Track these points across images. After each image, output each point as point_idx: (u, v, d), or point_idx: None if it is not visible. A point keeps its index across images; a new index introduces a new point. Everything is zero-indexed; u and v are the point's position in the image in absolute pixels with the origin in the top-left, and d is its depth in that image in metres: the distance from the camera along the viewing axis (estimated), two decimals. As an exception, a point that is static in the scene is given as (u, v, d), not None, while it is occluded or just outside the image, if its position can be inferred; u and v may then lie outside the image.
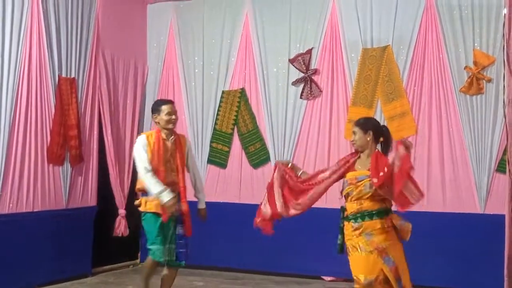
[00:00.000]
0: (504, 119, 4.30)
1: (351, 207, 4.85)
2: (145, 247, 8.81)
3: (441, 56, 7.39)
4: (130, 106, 8.73)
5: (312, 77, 8.00)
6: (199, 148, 8.62)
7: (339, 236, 4.96)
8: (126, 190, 8.57)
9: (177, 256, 5.95)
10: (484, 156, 7.12)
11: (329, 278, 7.69)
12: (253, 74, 8.38)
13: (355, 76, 7.78)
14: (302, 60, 8.08)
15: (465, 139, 7.21)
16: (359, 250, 4.79)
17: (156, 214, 5.77)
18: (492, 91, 7.11)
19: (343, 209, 4.94)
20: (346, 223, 4.89)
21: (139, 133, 8.88)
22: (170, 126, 5.84)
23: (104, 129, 8.23)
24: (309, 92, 8.00)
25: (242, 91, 8.44)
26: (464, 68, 7.26)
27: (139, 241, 8.93)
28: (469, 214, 7.16)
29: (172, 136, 5.89)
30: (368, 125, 4.99)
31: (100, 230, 8.16)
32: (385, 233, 4.79)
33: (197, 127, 8.68)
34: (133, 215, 8.68)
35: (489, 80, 7.13)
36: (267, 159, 8.21)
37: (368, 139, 4.89)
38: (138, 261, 8.93)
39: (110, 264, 8.53)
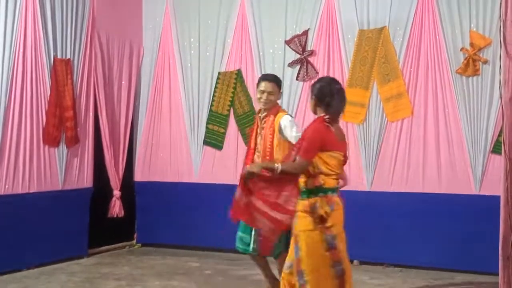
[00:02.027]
0: (500, 100, 4.30)
1: None
2: (141, 228, 8.93)
3: (437, 37, 7.37)
4: (125, 88, 8.70)
5: (308, 59, 7.98)
6: (195, 130, 8.63)
7: None
8: (121, 171, 8.60)
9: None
10: (479, 137, 7.13)
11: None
12: (249, 55, 8.36)
13: (351, 57, 7.76)
14: (298, 42, 8.06)
15: (461, 120, 7.22)
16: None
17: None
18: (488, 73, 7.10)
19: None
20: None
21: (134, 114, 8.91)
22: (259, 103, 5.54)
23: (99, 110, 8.22)
24: (305, 73, 7.99)
25: (238, 72, 8.42)
26: (461, 50, 7.25)
27: (135, 222, 8.97)
28: (464, 195, 7.19)
29: (264, 114, 5.51)
30: (312, 90, 4.44)
31: (96, 211, 8.18)
32: (302, 217, 4.20)
33: (193, 109, 8.67)
34: (129, 196, 8.74)
35: (485, 62, 7.12)
36: (263, 141, 8.20)
37: (313, 104, 4.40)
38: (134, 242, 8.96)
39: (106, 245, 8.56)
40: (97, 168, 8.26)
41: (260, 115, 5.58)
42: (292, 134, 5.32)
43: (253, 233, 5.47)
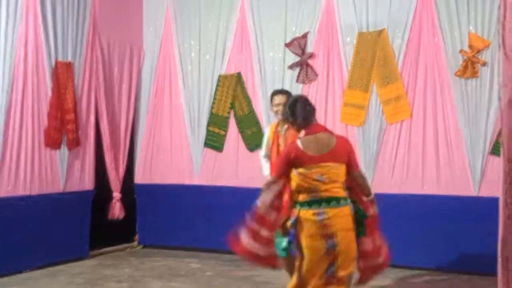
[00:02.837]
0: (498, 102, 4.33)
1: None
2: (142, 229, 8.96)
3: (436, 39, 7.40)
4: (126, 90, 8.75)
5: (308, 61, 8.02)
6: (195, 132, 8.66)
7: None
8: (122, 174, 8.65)
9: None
10: (478, 139, 7.16)
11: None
12: (249, 58, 8.39)
13: (351, 59, 7.79)
14: (298, 44, 8.09)
15: (459, 122, 7.24)
16: None
17: None
18: (487, 75, 7.13)
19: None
20: None
21: (135, 117, 8.94)
22: (276, 116, 5.94)
23: (100, 113, 8.26)
24: (305, 76, 8.02)
25: (239, 75, 8.46)
26: (459, 52, 7.28)
27: (136, 224, 9.00)
28: (463, 197, 7.21)
29: (285, 126, 5.81)
30: (288, 113, 4.67)
31: (98, 213, 8.22)
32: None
33: (193, 111, 8.70)
34: (130, 198, 8.78)
35: (484, 64, 7.15)
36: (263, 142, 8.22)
37: (295, 127, 4.65)
38: (135, 243, 8.99)
39: (108, 246, 8.59)
40: (99, 171, 8.30)
41: (279, 128, 5.87)
42: None
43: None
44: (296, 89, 8.01)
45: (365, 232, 4.51)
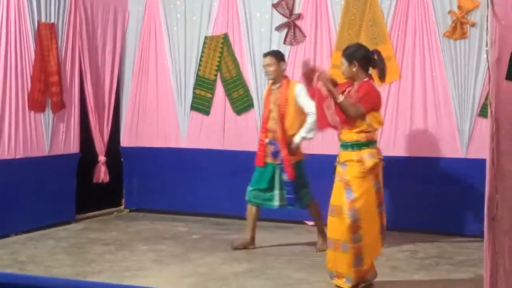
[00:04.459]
0: (487, 62, 4.30)
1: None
2: (129, 193, 8.93)
3: (425, 0, 7.33)
4: (110, 52, 8.60)
5: (296, 22, 7.92)
6: (182, 95, 8.57)
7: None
8: (106, 137, 8.57)
9: (287, 200, 6.39)
10: (467, 100, 7.15)
11: (311, 223, 7.70)
12: (236, 19, 8.27)
13: (339, 21, 7.71)
14: (286, 5, 7.98)
15: (448, 84, 7.22)
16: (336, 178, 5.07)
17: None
18: (476, 36, 7.09)
19: None
20: None
21: (120, 80, 8.83)
22: (268, 77, 6.44)
23: (84, 75, 8.13)
24: (292, 37, 7.93)
25: (225, 36, 8.35)
26: (448, 13, 7.21)
27: (123, 188, 8.96)
28: (451, 159, 7.23)
29: (278, 85, 6.32)
30: (353, 55, 5.02)
31: (84, 177, 8.17)
32: (356, 166, 4.92)
33: (179, 73, 8.60)
34: (117, 161, 8.72)
35: (473, 25, 7.10)
36: (250, 106, 8.17)
37: (354, 69, 4.95)
38: (122, 207, 8.96)
39: (94, 210, 8.56)
40: (84, 134, 8.22)
41: (273, 86, 6.38)
42: (304, 99, 6.06)
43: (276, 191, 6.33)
44: (284, 51, 7.90)
45: None
